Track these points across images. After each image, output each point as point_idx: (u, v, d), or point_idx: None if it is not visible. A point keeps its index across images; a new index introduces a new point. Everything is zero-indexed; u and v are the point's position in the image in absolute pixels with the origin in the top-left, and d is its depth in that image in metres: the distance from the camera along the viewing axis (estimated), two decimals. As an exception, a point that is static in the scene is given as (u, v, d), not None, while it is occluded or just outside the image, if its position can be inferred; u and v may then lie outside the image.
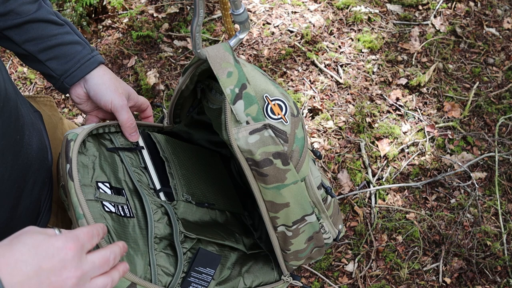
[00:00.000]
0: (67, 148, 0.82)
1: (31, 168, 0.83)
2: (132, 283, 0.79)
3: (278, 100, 0.82)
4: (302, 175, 0.84)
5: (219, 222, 1.03)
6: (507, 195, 2.12)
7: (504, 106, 2.37)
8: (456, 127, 2.29)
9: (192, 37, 0.81)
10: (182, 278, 0.87)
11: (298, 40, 2.57)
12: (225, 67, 0.81)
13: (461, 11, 2.70)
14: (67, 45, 0.91)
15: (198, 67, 0.89)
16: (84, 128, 0.87)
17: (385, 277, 1.94)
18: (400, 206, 2.09)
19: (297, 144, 0.82)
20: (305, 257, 0.98)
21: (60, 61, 0.91)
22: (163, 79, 2.46)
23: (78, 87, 0.93)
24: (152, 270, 0.83)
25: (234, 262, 0.99)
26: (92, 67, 0.92)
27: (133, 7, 2.71)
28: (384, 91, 2.41)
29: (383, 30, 2.61)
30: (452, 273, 1.94)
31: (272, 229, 0.89)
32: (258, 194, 0.84)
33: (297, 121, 0.83)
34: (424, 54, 2.54)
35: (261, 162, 0.79)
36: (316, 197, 0.89)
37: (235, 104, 0.79)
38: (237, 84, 0.80)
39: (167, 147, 1.01)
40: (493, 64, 2.52)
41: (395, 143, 2.25)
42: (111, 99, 0.92)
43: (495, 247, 1.96)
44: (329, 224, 0.97)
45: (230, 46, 0.84)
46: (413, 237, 2.01)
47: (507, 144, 2.25)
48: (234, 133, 0.79)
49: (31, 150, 0.83)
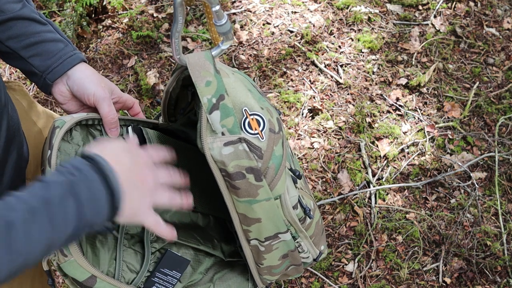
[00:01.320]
0: (51, 135, 0.83)
1: (14, 139, 0.86)
2: (92, 275, 0.79)
3: (257, 115, 0.81)
4: (277, 193, 0.83)
5: (199, 226, 1.01)
6: (507, 195, 2.12)
7: (504, 106, 2.37)
8: (456, 127, 2.29)
9: (171, 44, 0.81)
10: (147, 277, 0.87)
11: (298, 40, 2.57)
12: (204, 75, 0.80)
13: (461, 11, 2.70)
14: (49, 42, 0.92)
15: (182, 72, 0.89)
16: (73, 116, 0.87)
17: (385, 277, 1.94)
18: (400, 206, 2.09)
19: (273, 162, 0.81)
20: (279, 273, 0.96)
21: (43, 57, 0.92)
22: (163, 79, 2.46)
23: (61, 84, 0.94)
24: (117, 265, 0.84)
25: (208, 267, 0.98)
26: (73, 63, 0.93)
27: (133, 7, 2.71)
28: (384, 91, 2.41)
29: (383, 30, 2.61)
30: (452, 273, 1.94)
31: (245, 241, 0.89)
32: (231, 205, 0.83)
33: (277, 138, 0.82)
34: (424, 54, 2.54)
35: (233, 175, 0.78)
36: (291, 216, 0.87)
37: (211, 113, 0.79)
38: (215, 94, 0.79)
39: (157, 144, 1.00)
40: (493, 64, 2.52)
41: (395, 143, 2.25)
42: (93, 91, 0.92)
43: (495, 247, 1.96)
44: (309, 244, 0.95)
45: (211, 55, 0.84)
46: (413, 237, 2.01)
47: (507, 144, 2.25)
48: (208, 142, 0.79)
49: (14, 122, 0.87)
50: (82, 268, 0.78)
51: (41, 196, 0.66)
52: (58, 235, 0.66)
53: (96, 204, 0.68)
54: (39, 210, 0.64)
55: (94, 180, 0.69)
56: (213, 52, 0.85)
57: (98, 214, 0.69)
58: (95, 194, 0.68)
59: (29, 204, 0.64)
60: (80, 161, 0.71)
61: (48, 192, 0.66)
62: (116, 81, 2.49)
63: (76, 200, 0.67)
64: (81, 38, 2.62)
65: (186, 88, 0.96)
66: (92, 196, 0.68)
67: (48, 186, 0.67)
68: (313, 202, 0.96)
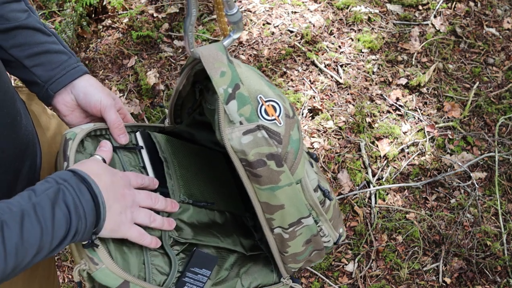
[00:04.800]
0: (65, 147, 0.83)
1: (27, 149, 0.87)
2: (125, 281, 0.79)
3: (272, 101, 0.81)
4: (297, 177, 0.83)
5: (217, 223, 1.02)
6: (507, 195, 2.12)
7: (504, 106, 2.37)
8: (456, 127, 2.29)
9: (185, 37, 0.81)
10: (177, 277, 0.87)
11: (298, 40, 2.57)
12: (218, 66, 0.81)
13: (461, 11, 2.70)
14: (53, 53, 0.92)
15: (193, 67, 0.88)
16: (83, 128, 0.88)
17: (385, 277, 1.94)
18: (400, 206, 2.09)
19: (292, 146, 0.81)
20: (303, 259, 0.97)
21: (46, 67, 0.91)
22: (163, 79, 2.46)
23: (65, 94, 0.93)
24: (146, 268, 0.84)
25: (232, 263, 0.98)
26: (77, 75, 0.93)
27: (133, 7, 2.71)
28: (384, 91, 2.41)
29: (383, 30, 2.61)
30: (452, 273, 1.94)
31: (268, 230, 0.89)
32: (253, 195, 0.83)
33: (292, 123, 0.82)
34: (424, 54, 2.54)
35: (254, 163, 0.78)
36: (312, 199, 0.87)
37: (228, 104, 0.79)
38: (230, 84, 0.80)
39: (167, 147, 1.00)
40: (493, 64, 2.52)
41: (395, 143, 2.25)
42: (100, 98, 0.93)
43: (495, 247, 1.96)
44: (329, 227, 0.95)
45: (223, 46, 0.84)
46: (413, 237, 2.01)
47: (507, 144, 2.25)
48: (227, 133, 0.78)
49: (28, 132, 0.87)
50: (115, 275, 0.78)
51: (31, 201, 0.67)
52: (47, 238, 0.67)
53: (83, 211, 0.71)
54: (30, 213, 0.66)
55: (80, 189, 0.72)
56: (225, 43, 0.86)
57: (85, 221, 0.71)
58: (82, 201, 0.71)
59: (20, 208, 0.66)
60: (65, 173, 0.74)
61: (38, 198, 0.68)
62: (116, 81, 2.49)
63: (65, 205, 0.69)
64: (81, 38, 2.62)
65: (194, 85, 0.95)
66: (79, 203, 0.71)
67: (37, 193, 0.69)
68: (328, 185, 0.96)
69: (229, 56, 0.83)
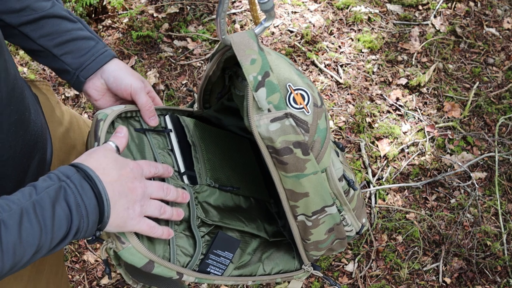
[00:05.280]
0: (96, 127, 0.84)
1: (36, 145, 0.87)
2: (150, 260, 0.80)
3: (301, 90, 0.82)
4: (323, 166, 0.84)
5: (242, 208, 1.03)
6: (507, 195, 2.12)
7: (504, 106, 2.37)
8: (456, 127, 2.29)
9: (217, 24, 0.82)
10: (201, 259, 0.89)
11: (298, 40, 2.57)
12: (249, 54, 0.81)
13: (461, 11, 2.70)
14: (81, 40, 0.93)
15: (224, 53, 0.89)
16: (114, 109, 0.89)
17: (385, 277, 1.94)
18: (400, 206, 2.09)
19: (318, 135, 0.82)
20: (325, 248, 0.97)
21: (75, 55, 0.92)
22: (163, 79, 2.46)
23: (95, 79, 0.95)
24: (171, 249, 0.85)
25: (255, 248, 0.99)
26: (106, 60, 0.95)
27: (133, 7, 2.71)
28: (384, 91, 2.41)
29: (383, 30, 2.62)
30: (452, 273, 1.94)
31: (292, 217, 0.89)
32: (278, 182, 0.84)
33: (320, 112, 0.82)
34: (424, 54, 2.54)
35: (281, 150, 0.79)
36: (337, 188, 0.88)
37: (257, 91, 0.80)
38: (260, 72, 0.80)
39: (195, 131, 1.02)
40: (493, 64, 2.52)
41: (395, 143, 2.25)
42: (130, 82, 0.94)
43: (495, 247, 1.96)
44: (352, 217, 0.96)
45: (255, 34, 0.85)
46: (413, 237, 2.01)
47: (507, 144, 2.25)
48: (255, 120, 0.79)
49: (37, 127, 0.87)
50: (140, 254, 0.79)
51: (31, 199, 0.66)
52: (47, 237, 0.66)
53: (85, 210, 0.70)
54: (29, 212, 0.65)
55: (83, 186, 0.70)
56: (256, 30, 0.86)
57: (87, 219, 0.70)
58: (84, 200, 0.70)
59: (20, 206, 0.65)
60: (68, 168, 0.72)
61: (38, 196, 0.67)
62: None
63: (66, 204, 0.68)
64: (81, 38, 2.62)
65: (224, 71, 0.96)
66: (82, 201, 0.69)
67: (38, 190, 0.68)
68: (353, 175, 0.97)
69: (260, 44, 0.84)
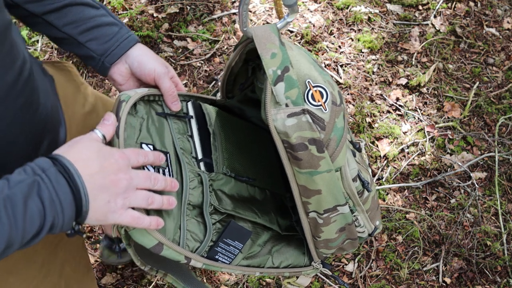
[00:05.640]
0: (118, 108, 0.85)
1: (46, 127, 0.87)
2: (159, 242, 0.80)
3: (320, 87, 0.82)
4: (337, 165, 0.83)
5: (257, 199, 1.03)
6: (507, 195, 2.12)
7: (504, 106, 2.37)
8: (456, 127, 2.29)
9: (239, 16, 0.82)
10: (210, 246, 0.89)
11: (298, 40, 2.57)
12: (270, 47, 0.82)
13: (461, 11, 2.70)
14: (105, 26, 0.95)
15: (246, 45, 0.90)
16: (137, 92, 0.90)
17: (385, 277, 1.94)
18: (400, 206, 2.09)
19: (335, 134, 0.81)
20: (335, 247, 0.97)
21: (100, 41, 0.94)
22: (163, 79, 2.46)
23: (120, 64, 0.96)
24: (181, 233, 0.85)
25: (266, 240, 0.99)
26: (130, 45, 0.96)
27: (133, 7, 2.71)
28: (384, 91, 2.41)
29: (383, 30, 2.62)
30: (452, 273, 1.94)
31: (304, 213, 0.89)
32: (292, 177, 0.84)
33: (338, 111, 0.82)
34: (424, 54, 2.54)
35: (296, 146, 0.79)
36: (350, 189, 0.88)
37: (276, 85, 0.80)
38: (280, 66, 0.81)
39: (216, 120, 1.02)
40: (493, 64, 2.52)
41: (395, 143, 2.25)
42: (154, 66, 0.95)
43: (495, 247, 1.96)
44: (365, 218, 0.96)
45: (277, 28, 0.85)
46: (413, 237, 2.01)
47: (507, 144, 2.25)
48: (272, 114, 0.79)
49: (46, 110, 0.87)
50: (150, 235, 0.79)
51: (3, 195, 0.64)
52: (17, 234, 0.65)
53: (60, 206, 0.68)
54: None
55: (58, 181, 0.68)
56: (278, 25, 0.86)
57: (62, 215, 0.68)
58: (59, 195, 0.67)
59: None
60: (45, 161, 0.70)
61: (10, 191, 0.65)
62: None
63: (39, 199, 0.66)
64: (81, 38, 2.62)
65: (247, 63, 0.97)
66: (56, 197, 0.67)
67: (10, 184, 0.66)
68: (370, 176, 0.96)
69: (282, 39, 0.84)
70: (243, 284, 1.88)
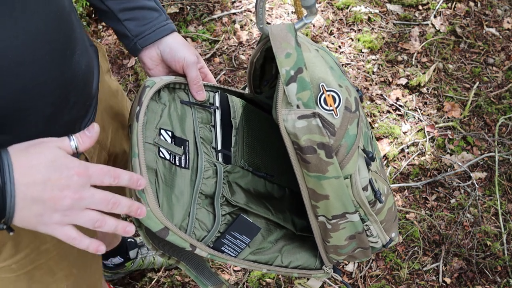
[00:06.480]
0: (142, 93, 0.86)
1: (76, 86, 0.86)
2: (165, 227, 0.80)
3: (333, 92, 0.81)
4: (347, 172, 0.82)
5: (274, 196, 1.02)
6: (507, 195, 2.12)
7: (504, 106, 2.37)
8: (456, 127, 2.29)
9: (256, 13, 0.83)
10: (217, 237, 0.89)
11: (298, 40, 2.57)
12: (285, 47, 0.82)
13: (461, 11, 2.70)
14: (146, 9, 0.97)
15: (266, 43, 0.90)
16: (163, 78, 0.91)
17: (385, 277, 1.94)
18: (400, 206, 2.09)
19: (346, 140, 0.81)
20: (345, 254, 0.96)
21: (137, 23, 0.96)
22: (163, 79, 2.46)
23: (152, 49, 0.99)
24: (190, 221, 0.85)
25: (277, 238, 0.99)
26: (165, 33, 0.98)
27: (133, 7, 2.71)
28: (384, 91, 2.41)
29: (383, 30, 2.62)
30: (452, 273, 1.94)
31: (313, 216, 0.89)
32: (301, 179, 0.84)
33: (352, 117, 0.81)
34: (424, 54, 2.54)
35: (305, 149, 0.79)
36: (360, 197, 0.86)
37: (288, 85, 0.80)
38: (294, 67, 0.80)
39: (241, 113, 1.02)
40: (493, 64, 2.52)
41: (395, 143, 2.25)
42: (184, 55, 0.96)
43: (495, 247, 1.96)
44: (379, 229, 0.94)
45: (294, 28, 0.85)
46: (413, 237, 2.01)
47: (507, 144, 2.25)
48: (283, 114, 0.79)
49: (80, 70, 0.86)
50: (157, 219, 0.79)
51: None
52: None
53: None
54: None
55: None
56: (296, 26, 0.86)
57: None
58: None
59: None
60: None
61: None
62: (116, 81, 2.49)
63: None
64: (81, 38, 2.62)
65: (272, 60, 0.96)
66: None
67: None
68: (387, 187, 0.95)
69: (298, 40, 0.84)
70: (243, 284, 1.88)
